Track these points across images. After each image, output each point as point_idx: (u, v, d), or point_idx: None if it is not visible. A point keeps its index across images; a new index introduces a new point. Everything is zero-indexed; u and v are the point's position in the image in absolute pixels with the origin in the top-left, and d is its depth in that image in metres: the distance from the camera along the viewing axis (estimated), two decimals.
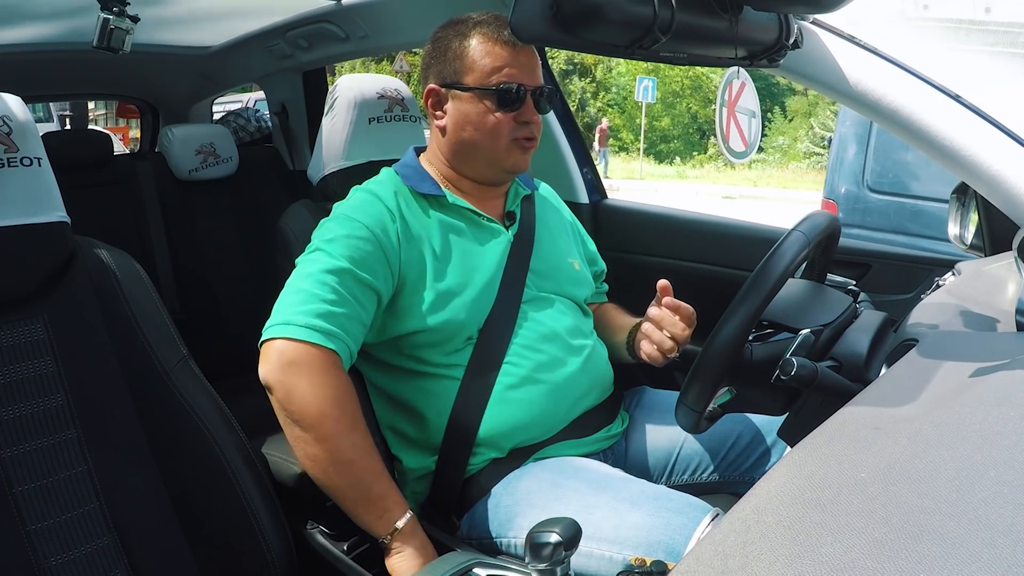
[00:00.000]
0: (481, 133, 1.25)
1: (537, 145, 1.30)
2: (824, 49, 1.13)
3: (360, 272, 1.15)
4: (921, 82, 1.10)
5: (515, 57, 1.23)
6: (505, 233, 1.32)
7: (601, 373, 1.34)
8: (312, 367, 1.08)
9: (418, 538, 1.11)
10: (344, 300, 1.13)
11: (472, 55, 1.23)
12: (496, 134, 1.25)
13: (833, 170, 4.02)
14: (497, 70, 1.23)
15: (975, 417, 0.67)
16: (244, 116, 3.13)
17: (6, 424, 1.02)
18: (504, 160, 1.28)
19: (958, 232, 1.45)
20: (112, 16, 1.69)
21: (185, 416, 1.09)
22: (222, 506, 1.09)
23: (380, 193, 1.26)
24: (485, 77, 1.23)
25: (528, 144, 1.28)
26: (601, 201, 2.08)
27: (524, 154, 1.28)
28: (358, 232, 1.18)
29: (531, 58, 1.26)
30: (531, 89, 1.24)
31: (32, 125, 1.07)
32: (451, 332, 1.22)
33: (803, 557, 0.49)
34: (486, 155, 1.27)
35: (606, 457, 1.32)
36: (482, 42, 1.23)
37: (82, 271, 1.11)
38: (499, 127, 1.24)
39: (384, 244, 1.19)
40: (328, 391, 1.08)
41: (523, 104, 1.24)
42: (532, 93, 1.25)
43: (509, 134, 1.25)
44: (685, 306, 1.25)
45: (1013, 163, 1.04)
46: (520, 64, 1.24)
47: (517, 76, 1.23)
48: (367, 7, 1.96)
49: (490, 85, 1.23)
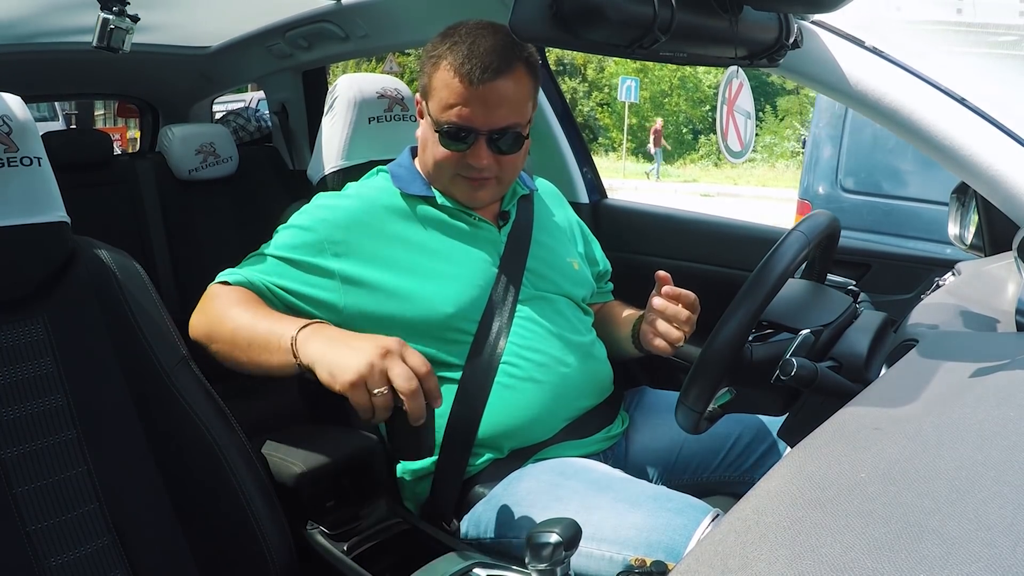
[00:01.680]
0: (432, 159, 1.26)
1: (502, 181, 1.28)
2: (824, 49, 1.13)
3: (291, 255, 1.20)
4: (921, 82, 1.10)
5: (472, 96, 1.17)
6: (497, 233, 1.32)
7: (600, 373, 1.34)
8: (204, 297, 1.18)
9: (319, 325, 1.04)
10: (260, 269, 1.19)
11: (435, 83, 1.20)
12: (441, 167, 1.25)
13: (807, 170, 4.06)
14: (450, 107, 1.18)
15: (975, 417, 0.67)
16: (244, 116, 3.13)
17: (6, 424, 1.02)
18: (453, 191, 1.28)
19: (958, 232, 1.45)
20: (112, 16, 1.69)
21: (185, 416, 1.09)
22: (222, 506, 1.08)
23: (362, 193, 1.28)
24: (440, 110, 1.20)
25: (477, 183, 1.25)
26: (601, 201, 2.08)
27: (475, 191, 1.27)
28: (308, 224, 1.23)
29: (493, 98, 1.17)
30: (484, 133, 1.20)
31: (32, 125, 1.07)
32: (438, 327, 1.22)
33: (803, 557, 0.49)
34: (437, 181, 1.29)
35: (606, 458, 1.32)
36: (445, 72, 1.18)
37: (82, 271, 1.11)
38: (444, 161, 1.24)
39: (335, 238, 1.21)
40: (210, 302, 1.16)
41: (471, 146, 1.21)
42: (487, 136, 1.20)
43: (454, 170, 1.24)
44: (686, 293, 1.23)
45: (1013, 163, 1.04)
46: (477, 104, 1.17)
47: (469, 117, 1.18)
48: (367, 7, 1.96)
49: (440, 120, 1.20)
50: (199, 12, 2.27)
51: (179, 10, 2.17)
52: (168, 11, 2.13)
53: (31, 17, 2.07)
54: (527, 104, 1.23)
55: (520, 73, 1.19)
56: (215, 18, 2.36)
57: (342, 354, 0.94)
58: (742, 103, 1.31)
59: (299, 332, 1.01)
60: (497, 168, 1.24)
